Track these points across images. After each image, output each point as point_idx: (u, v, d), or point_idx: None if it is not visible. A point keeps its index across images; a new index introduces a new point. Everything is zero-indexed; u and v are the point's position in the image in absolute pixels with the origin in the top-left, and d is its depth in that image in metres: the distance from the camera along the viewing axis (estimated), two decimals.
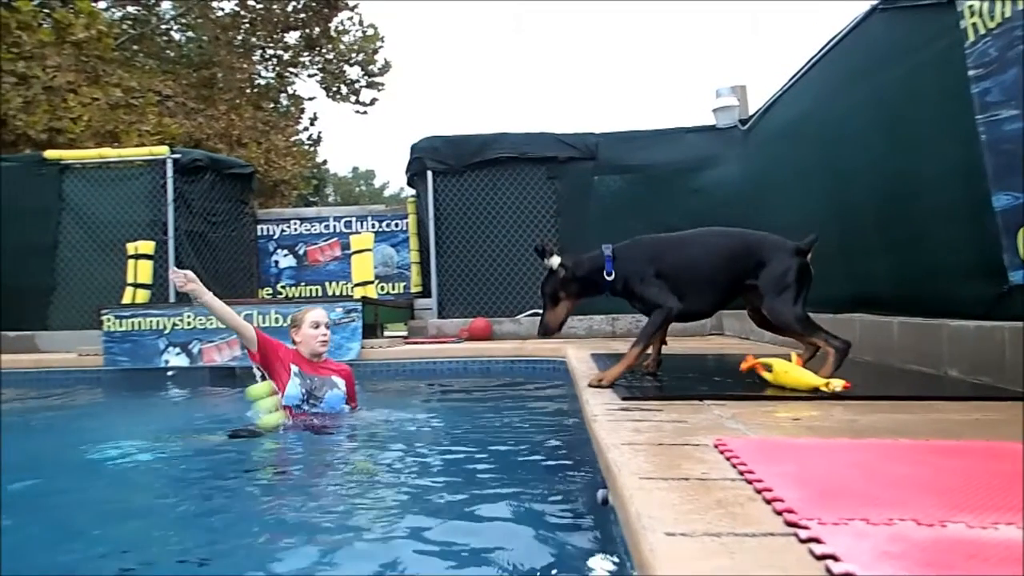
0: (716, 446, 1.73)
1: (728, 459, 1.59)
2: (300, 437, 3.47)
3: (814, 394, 2.45)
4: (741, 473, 1.47)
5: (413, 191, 9.13)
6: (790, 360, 2.64)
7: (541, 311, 3.18)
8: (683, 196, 7.40)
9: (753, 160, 6.76)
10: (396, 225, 10.07)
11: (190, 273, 3.67)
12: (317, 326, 3.76)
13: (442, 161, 8.14)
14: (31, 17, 13.55)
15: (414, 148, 8.34)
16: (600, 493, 1.93)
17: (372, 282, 7.26)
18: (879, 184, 3.94)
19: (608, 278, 2.99)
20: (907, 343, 3.51)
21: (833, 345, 2.75)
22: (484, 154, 8.09)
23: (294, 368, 3.67)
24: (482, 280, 7.97)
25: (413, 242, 9.44)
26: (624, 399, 2.49)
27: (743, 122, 7.25)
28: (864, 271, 4.17)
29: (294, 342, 3.82)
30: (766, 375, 2.69)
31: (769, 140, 6.27)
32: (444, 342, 6.89)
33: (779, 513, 1.20)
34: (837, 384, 2.44)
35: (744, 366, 2.83)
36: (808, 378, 2.51)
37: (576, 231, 7.59)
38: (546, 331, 3.11)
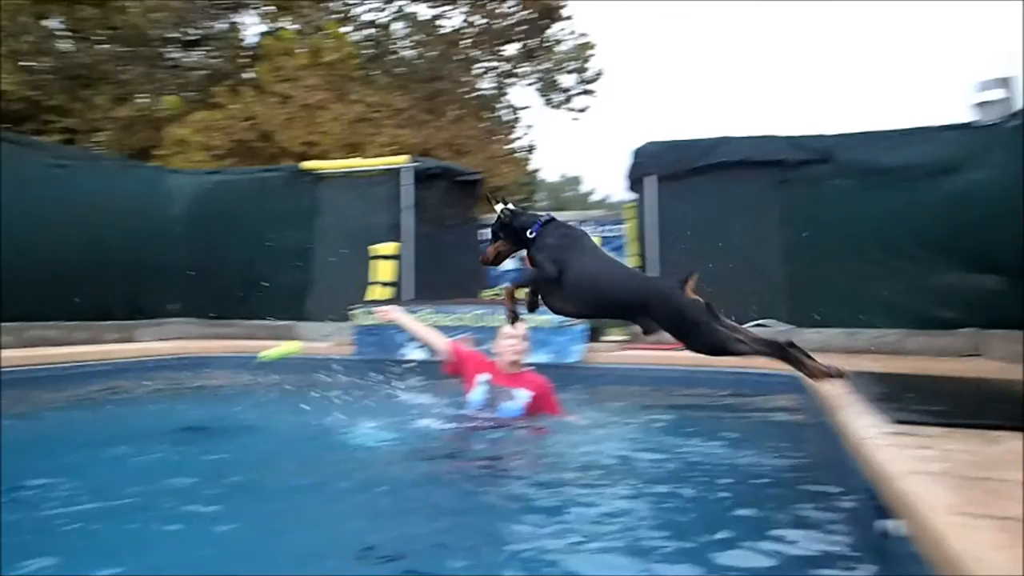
0: None
1: None
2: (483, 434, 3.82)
3: None
4: None
5: (633, 196, 9.09)
6: None
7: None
8: (935, 202, 6.67)
9: None
10: (612, 230, 10.11)
11: (387, 309, 4.70)
12: (510, 338, 4.07)
13: (664, 166, 8.03)
14: (291, 44, 15.39)
15: (636, 153, 8.27)
16: (881, 524, 1.81)
17: None
18: None
19: (530, 236, 3.20)
20: None
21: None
22: (707, 159, 7.84)
23: (483, 377, 4.07)
24: (703, 289, 7.72)
25: (632, 247, 9.40)
26: (897, 423, 2.32)
27: (1014, 116, 6.41)
28: None
29: (494, 353, 4.20)
30: None
31: None
32: (667, 349, 6.80)
33: None
34: None
35: None
36: None
37: (806, 240, 7.15)
38: (482, 259, 3.47)
